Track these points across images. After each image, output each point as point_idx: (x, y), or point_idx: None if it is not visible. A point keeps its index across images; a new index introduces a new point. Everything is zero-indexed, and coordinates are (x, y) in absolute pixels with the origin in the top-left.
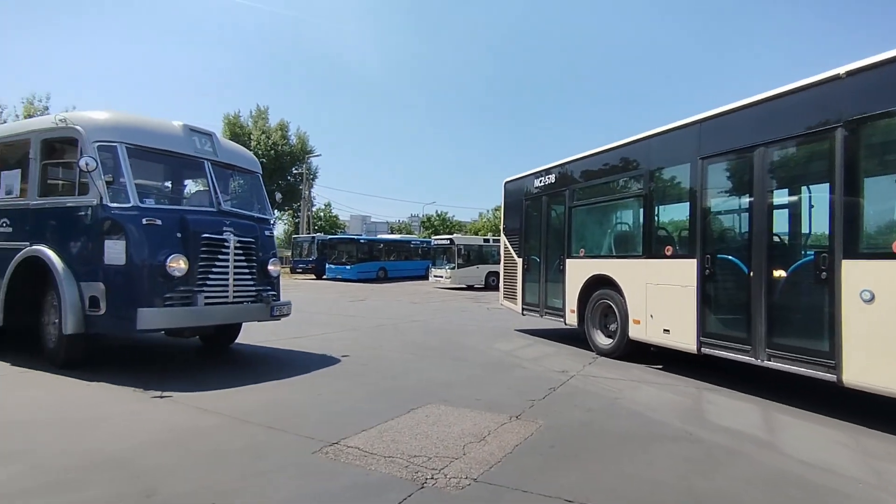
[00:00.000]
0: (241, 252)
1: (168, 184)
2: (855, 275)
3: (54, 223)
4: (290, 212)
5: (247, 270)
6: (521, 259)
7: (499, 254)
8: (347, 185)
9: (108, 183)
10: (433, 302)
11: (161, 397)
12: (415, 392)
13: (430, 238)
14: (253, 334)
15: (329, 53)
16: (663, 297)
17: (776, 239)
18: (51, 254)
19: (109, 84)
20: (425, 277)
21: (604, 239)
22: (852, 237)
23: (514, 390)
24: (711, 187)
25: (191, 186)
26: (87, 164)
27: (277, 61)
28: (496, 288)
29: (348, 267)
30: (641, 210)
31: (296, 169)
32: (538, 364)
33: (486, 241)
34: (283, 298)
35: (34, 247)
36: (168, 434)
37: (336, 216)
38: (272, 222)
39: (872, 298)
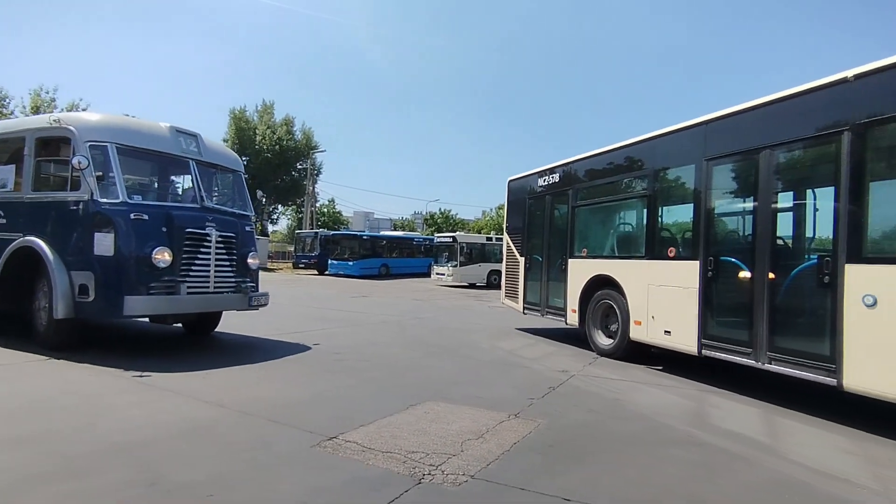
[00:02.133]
0: (222, 246)
1: (155, 181)
2: (858, 279)
3: (47, 216)
4: (294, 207)
5: (227, 263)
6: (523, 258)
7: (501, 252)
8: (352, 181)
9: (98, 179)
10: (435, 299)
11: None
12: (415, 388)
13: (432, 235)
14: (257, 327)
15: (336, 50)
16: (665, 299)
17: (779, 242)
18: (43, 244)
19: (117, 78)
20: (427, 275)
21: (606, 239)
22: (856, 241)
23: (514, 389)
24: (716, 189)
25: (176, 184)
26: (79, 163)
27: (285, 57)
28: (498, 286)
29: (351, 263)
30: (645, 211)
31: (300, 164)
32: (539, 363)
33: (489, 239)
34: (261, 290)
35: (27, 237)
36: (173, 425)
37: (339, 212)
38: (252, 218)
39: (875, 303)
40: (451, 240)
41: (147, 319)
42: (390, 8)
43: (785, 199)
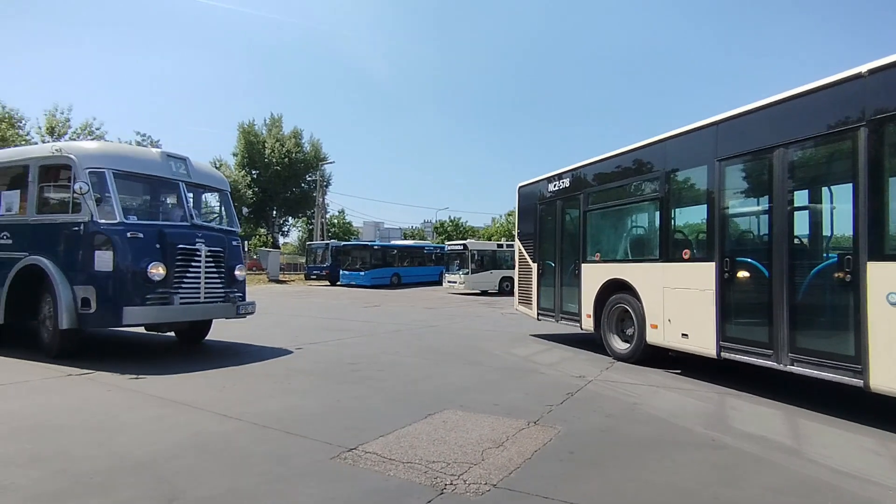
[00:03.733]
0: (211, 260)
1: (148, 201)
2: (881, 277)
3: (50, 236)
4: (305, 219)
5: (216, 275)
6: (535, 264)
7: (512, 259)
8: (361, 191)
9: (97, 202)
10: (448, 307)
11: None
12: (432, 397)
13: (443, 244)
14: (272, 338)
15: (343, 61)
16: (681, 301)
17: (797, 241)
18: (48, 262)
19: (129, 95)
20: (439, 283)
21: (619, 243)
22: (877, 238)
23: (531, 395)
24: (729, 189)
25: (168, 203)
26: (80, 188)
27: (293, 70)
28: (510, 293)
29: (362, 273)
30: (657, 213)
31: (309, 176)
32: (555, 369)
33: (500, 245)
34: (260, 302)
35: (32, 256)
36: (190, 438)
37: (349, 223)
38: (238, 234)
39: None
40: (461, 247)
41: (143, 329)
42: (391, 16)
43: (801, 198)
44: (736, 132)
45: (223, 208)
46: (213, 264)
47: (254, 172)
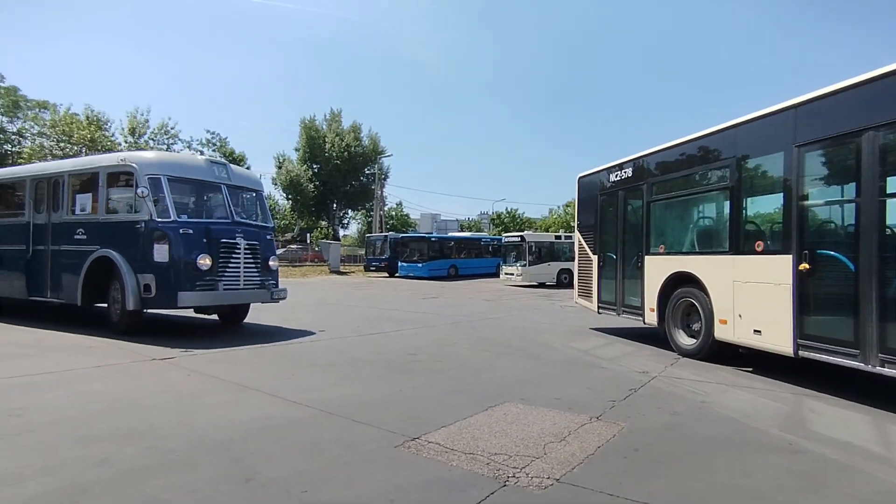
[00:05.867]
0: (248, 252)
1: (196, 201)
2: None
3: (117, 232)
4: (364, 211)
5: (253, 265)
6: (596, 256)
7: (570, 250)
8: (417, 183)
9: (155, 203)
10: (505, 299)
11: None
12: (492, 389)
13: (500, 235)
14: (334, 328)
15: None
16: (753, 296)
17: (889, 232)
18: (116, 254)
19: (201, 94)
20: (496, 275)
21: (685, 235)
22: None
23: (593, 390)
24: (809, 177)
25: (212, 203)
26: (142, 192)
27: (350, 65)
28: (569, 285)
29: (420, 265)
30: (727, 203)
31: (368, 169)
32: (617, 364)
33: (558, 237)
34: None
35: (103, 249)
36: (262, 422)
37: (407, 215)
38: (272, 229)
39: None
40: (519, 239)
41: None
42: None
43: (894, 185)
44: (818, 115)
45: (258, 206)
46: (250, 256)
47: (315, 166)
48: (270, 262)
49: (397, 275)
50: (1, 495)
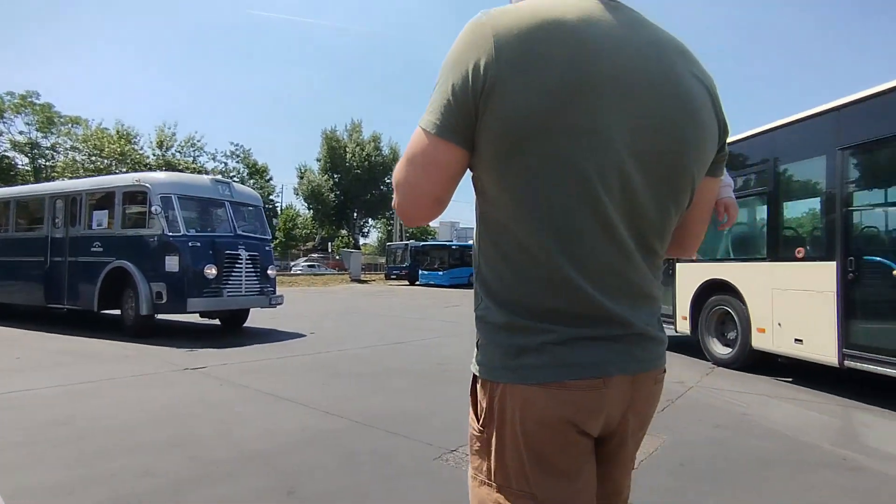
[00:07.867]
0: (249, 262)
1: (202, 216)
2: None
3: (132, 245)
4: (384, 220)
5: (253, 274)
6: None
7: None
8: None
9: (166, 219)
10: None
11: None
12: None
13: None
14: (360, 337)
15: (414, 64)
16: (794, 304)
17: None
18: (130, 265)
19: (225, 108)
20: None
21: (719, 241)
22: None
23: None
24: (854, 181)
25: (216, 218)
26: (155, 210)
27: (368, 76)
28: None
29: (441, 273)
30: (764, 208)
31: (388, 178)
32: None
33: None
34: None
35: (119, 261)
36: (300, 433)
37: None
38: (270, 241)
39: None
40: None
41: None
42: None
43: None
44: (864, 117)
45: (258, 220)
46: (251, 265)
47: (336, 176)
48: (269, 271)
49: (418, 283)
50: None
